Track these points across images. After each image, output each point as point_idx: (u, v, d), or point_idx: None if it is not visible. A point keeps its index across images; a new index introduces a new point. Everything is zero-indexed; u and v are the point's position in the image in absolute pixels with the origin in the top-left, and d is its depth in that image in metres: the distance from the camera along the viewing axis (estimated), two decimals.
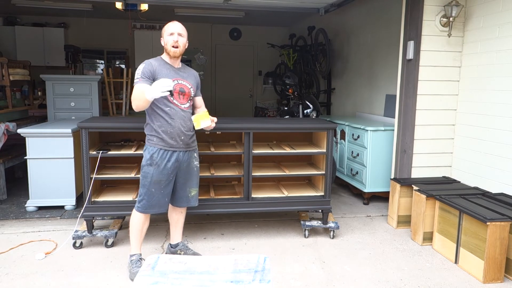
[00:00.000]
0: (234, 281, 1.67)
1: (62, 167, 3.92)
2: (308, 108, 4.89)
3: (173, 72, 2.69)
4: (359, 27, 5.89)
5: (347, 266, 2.98)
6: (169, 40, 2.65)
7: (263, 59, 9.72)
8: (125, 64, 9.06)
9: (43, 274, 2.76)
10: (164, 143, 2.66)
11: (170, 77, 2.63)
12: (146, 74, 2.58)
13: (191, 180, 2.86)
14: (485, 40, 3.48)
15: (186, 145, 2.74)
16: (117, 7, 5.95)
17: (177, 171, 2.76)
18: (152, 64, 2.63)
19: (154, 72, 2.61)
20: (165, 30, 2.68)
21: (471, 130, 3.65)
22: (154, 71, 2.61)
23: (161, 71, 2.63)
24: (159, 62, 2.68)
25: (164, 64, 2.68)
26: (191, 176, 2.85)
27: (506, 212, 2.83)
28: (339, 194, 4.81)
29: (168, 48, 2.66)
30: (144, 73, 2.58)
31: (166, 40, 2.66)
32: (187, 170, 2.80)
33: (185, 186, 2.84)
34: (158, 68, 2.63)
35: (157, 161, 2.66)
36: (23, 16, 8.46)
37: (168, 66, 2.69)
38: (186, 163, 2.78)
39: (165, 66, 2.67)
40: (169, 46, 2.65)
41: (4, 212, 3.93)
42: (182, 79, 2.73)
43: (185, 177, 2.82)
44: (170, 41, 2.65)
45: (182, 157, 2.74)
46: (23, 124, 4.89)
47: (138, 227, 2.77)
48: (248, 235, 3.50)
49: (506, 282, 2.78)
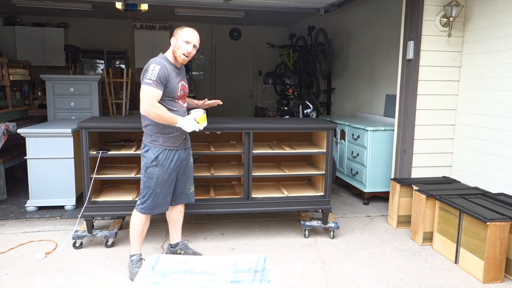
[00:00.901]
0: (234, 281, 1.67)
1: (62, 167, 3.92)
2: (308, 108, 4.89)
3: (176, 74, 2.69)
4: (359, 27, 5.88)
5: (347, 266, 2.98)
6: (182, 47, 2.60)
7: (263, 59, 9.72)
8: (125, 64, 9.06)
9: (43, 274, 2.76)
10: (169, 144, 2.67)
11: (177, 80, 2.65)
12: (161, 80, 2.52)
13: (190, 177, 2.91)
14: (485, 40, 3.47)
15: (185, 143, 2.81)
16: (117, 7, 5.95)
17: (178, 169, 2.78)
18: (167, 68, 2.58)
19: (168, 77, 2.57)
20: (182, 34, 2.61)
21: (471, 130, 3.65)
22: (167, 76, 2.57)
23: (171, 75, 2.61)
24: (169, 64, 2.64)
25: (170, 66, 2.64)
26: (190, 173, 2.91)
27: (506, 212, 2.83)
28: (339, 194, 4.81)
29: (178, 54, 2.62)
30: (160, 78, 2.51)
31: (180, 45, 2.60)
32: (186, 167, 2.85)
33: (186, 183, 2.88)
34: (170, 71, 2.60)
35: (162, 162, 2.65)
36: (23, 16, 8.46)
37: (173, 68, 2.67)
38: (186, 161, 2.83)
39: (171, 68, 2.64)
40: (181, 53, 2.61)
41: (4, 212, 3.93)
42: (182, 79, 2.76)
43: (185, 174, 2.86)
44: (184, 49, 2.61)
45: (183, 155, 2.78)
46: (23, 124, 4.89)
47: (139, 228, 2.76)
48: (248, 235, 3.50)
49: (506, 282, 2.78)
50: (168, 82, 2.58)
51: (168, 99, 2.63)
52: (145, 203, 2.71)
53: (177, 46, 2.61)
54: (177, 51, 2.62)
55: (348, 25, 6.26)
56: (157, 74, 2.50)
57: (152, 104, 2.48)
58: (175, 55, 2.64)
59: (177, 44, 2.61)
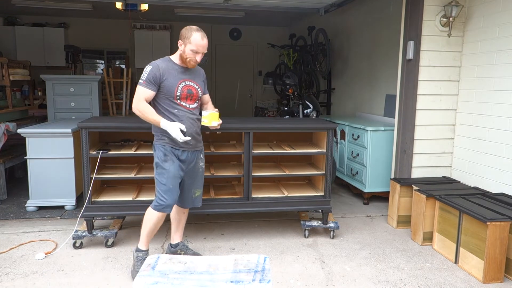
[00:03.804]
0: (234, 281, 1.67)
1: (62, 167, 3.92)
2: (308, 108, 4.89)
3: (181, 74, 2.66)
4: (359, 27, 5.88)
5: (347, 266, 2.98)
6: (190, 57, 2.60)
7: (263, 59, 9.72)
8: (125, 64, 9.06)
9: (43, 274, 2.76)
10: (174, 143, 2.66)
11: (178, 79, 2.63)
12: (151, 80, 2.56)
13: (196, 181, 2.87)
14: (485, 40, 3.48)
15: (194, 145, 2.76)
16: (117, 7, 5.95)
17: (187, 170, 2.76)
18: (160, 67, 2.59)
19: (161, 77, 2.57)
20: (191, 43, 2.57)
21: (471, 130, 3.65)
22: (161, 76, 2.57)
23: (169, 73, 2.60)
24: (167, 63, 2.64)
25: (172, 66, 2.65)
26: (197, 176, 2.86)
27: (506, 212, 2.83)
28: (339, 194, 4.81)
29: (187, 60, 2.62)
30: (149, 79, 2.56)
31: (188, 54, 2.59)
32: (193, 170, 2.81)
33: (191, 187, 2.85)
34: (165, 71, 2.59)
35: (170, 157, 2.67)
36: (23, 16, 8.46)
37: (177, 67, 2.66)
38: (193, 163, 2.79)
39: (173, 68, 2.64)
40: (189, 58, 2.61)
41: (4, 212, 3.93)
42: (190, 79, 2.71)
43: (192, 178, 2.83)
44: (193, 57, 2.61)
45: (190, 157, 2.75)
46: (23, 124, 4.89)
47: (153, 226, 2.73)
48: (248, 235, 3.51)
49: (506, 282, 2.78)
50: (163, 82, 2.58)
51: (167, 99, 2.62)
52: (161, 201, 2.67)
53: (186, 52, 2.60)
54: (185, 57, 2.62)
55: (348, 25, 6.26)
56: (147, 74, 2.57)
57: (138, 103, 2.57)
58: (183, 60, 2.64)
59: (185, 52, 2.60)
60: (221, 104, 9.55)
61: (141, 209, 3.22)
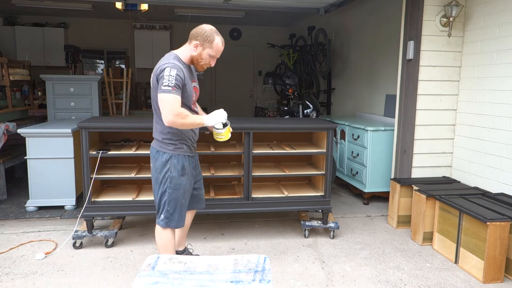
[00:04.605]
0: (234, 281, 1.67)
1: (62, 167, 3.92)
2: (308, 108, 4.90)
3: (190, 75, 2.47)
4: (359, 27, 5.88)
5: (347, 266, 2.98)
6: (208, 59, 2.41)
7: (263, 59, 9.72)
8: (125, 64, 9.06)
9: (43, 274, 2.76)
10: (190, 150, 2.51)
11: (191, 81, 2.45)
12: (179, 85, 2.28)
13: (201, 179, 2.79)
14: (485, 40, 3.47)
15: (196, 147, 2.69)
16: (117, 7, 5.95)
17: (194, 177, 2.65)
18: (182, 70, 2.32)
19: (184, 81, 2.33)
20: (214, 46, 2.37)
21: (471, 130, 3.65)
22: (184, 80, 2.33)
23: (186, 76, 2.38)
24: (182, 64, 2.37)
25: (185, 66, 2.40)
26: (200, 173, 2.78)
27: (506, 212, 2.83)
28: (339, 194, 4.81)
29: (201, 63, 2.43)
30: (178, 84, 2.27)
31: (205, 57, 2.39)
32: (198, 171, 2.74)
33: (201, 185, 2.76)
34: (185, 74, 2.36)
35: (188, 170, 2.48)
36: (23, 16, 8.46)
37: (188, 68, 2.44)
38: (196, 164, 2.70)
39: (186, 69, 2.39)
40: (203, 64, 2.44)
41: (4, 212, 3.93)
42: (195, 80, 2.55)
43: (200, 177, 2.75)
44: (208, 62, 2.42)
45: (195, 159, 2.66)
46: (23, 124, 4.89)
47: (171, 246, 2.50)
48: (248, 235, 3.50)
49: (506, 282, 2.78)
50: (184, 86, 2.34)
51: (185, 105, 2.38)
52: (171, 217, 2.45)
53: (201, 57, 2.39)
54: (200, 60, 2.41)
55: (348, 25, 6.26)
56: (175, 79, 2.24)
57: (177, 113, 2.24)
58: (195, 62, 2.44)
59: (202, 55, 2.38)
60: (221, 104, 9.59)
61: (141, 209, 3.24)
